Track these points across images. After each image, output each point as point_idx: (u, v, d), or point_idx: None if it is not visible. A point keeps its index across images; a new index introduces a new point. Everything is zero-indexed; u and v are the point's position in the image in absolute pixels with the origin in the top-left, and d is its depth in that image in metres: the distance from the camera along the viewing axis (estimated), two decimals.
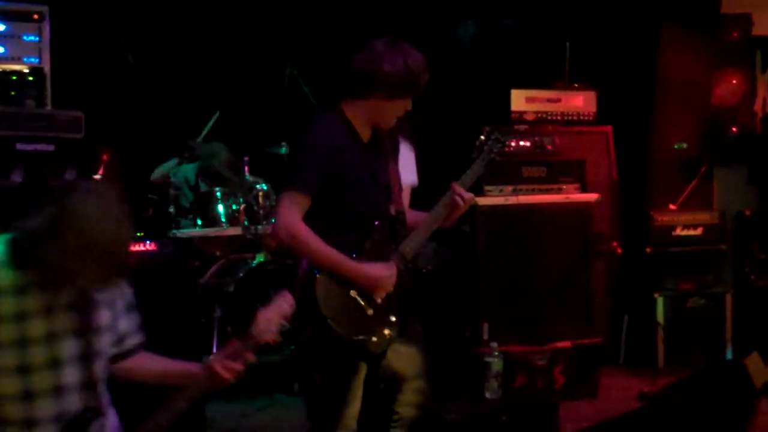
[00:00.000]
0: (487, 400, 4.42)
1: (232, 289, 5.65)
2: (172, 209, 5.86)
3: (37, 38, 4.95)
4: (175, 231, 5.78)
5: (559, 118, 6.07)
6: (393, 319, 3.48)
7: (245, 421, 5.21)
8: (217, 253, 6.26)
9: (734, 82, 6.75)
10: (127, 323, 2.82)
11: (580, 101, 6.17)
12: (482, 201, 5.50)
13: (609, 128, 6.19)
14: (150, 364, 2.91)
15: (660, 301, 6.18)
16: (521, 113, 5.98)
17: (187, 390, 2.78)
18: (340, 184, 3.42)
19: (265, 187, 6.06)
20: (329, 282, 3.38)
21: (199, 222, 6.06)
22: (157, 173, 6.16)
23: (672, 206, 6.60)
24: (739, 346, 6.19)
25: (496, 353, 4.49)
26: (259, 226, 5.92)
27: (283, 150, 6.19)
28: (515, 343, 5.40)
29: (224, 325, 5.63)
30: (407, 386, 3.62)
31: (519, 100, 6.00)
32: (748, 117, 6.75)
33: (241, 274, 5.70)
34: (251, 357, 2.74)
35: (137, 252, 4.35)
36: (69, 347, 2.59)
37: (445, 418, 4.15)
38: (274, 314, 2.74)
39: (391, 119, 3.55)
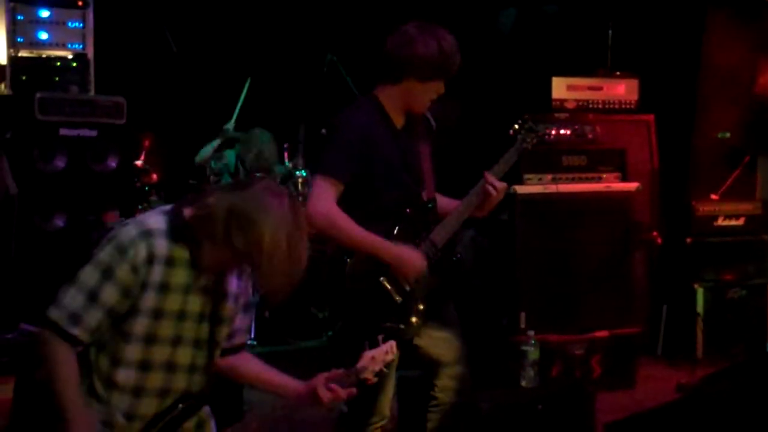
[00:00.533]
0: (523, 388, 4.41)
1: None
2: None
3: (81, 24, 5.02)
4: None
5: (600, 106, 6.03)
6: (421, 307, 3.50)
7: (283, 406, 5.24)
8: None
9: None
10: (242, 320, 2.86)
11: (622, 89, 6.13)
12: (521, 189, 5.48)
13: (651, 117, 6.14)
14: (251, 367, 2.93)
15: (700, 292, 6.13)
16: (562, 101, 5.95)
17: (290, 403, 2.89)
18: (372, 172, 3.44)
19: (304, 174, 6.08)
20: (358, 269, 3.40)
21: None
22: (201, 156, 6.21)
23: (714, 196, 6.52)
24: None
25: (533, 342, 4.48)
26: None
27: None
28: (552, 332, 5.38)
29: (262, 310, 5.67)
30: (444, 372, 3.63)
31: (560, 87, 5.97)
32: None
33: None
34: (349, 392, 2.78)
35: None
36: (192, 329, 2.66)
37: (479, 407, 4.15)
38: (378, 357, 2.81)
39: (423, 103, 3.55)
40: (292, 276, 2.55)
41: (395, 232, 3.48)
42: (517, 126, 3.80)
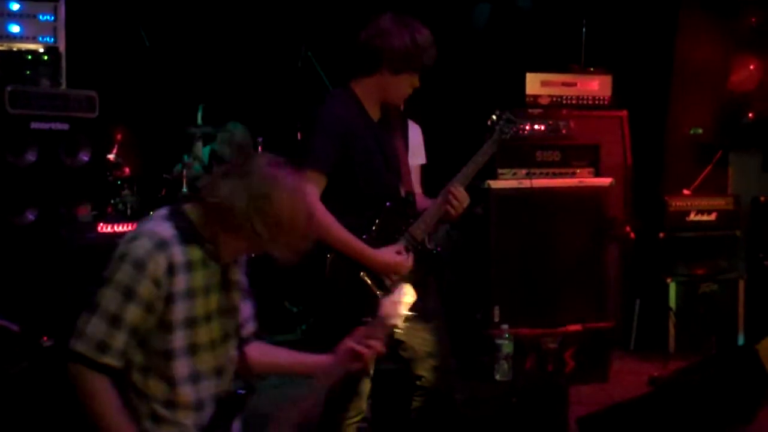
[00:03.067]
0: (497, 382, 4.42)
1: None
2: (185, 189, 5.88)
3: (53, 18, 4.97)
4: None
5: (574, 102, 6.06)
6: None
7: (256, 399, 5.23)
8: None
9: (751, 67, 6.71)
10: (247, 309, 2.78)
11: (595, 85, 6.15)
12: (495, 184, 5.50)
13: (624, 113, 6.17)
14: (268, 353, 2.87)
15: (672, 286, 6.17)
16: (536, 97, 5.97)
17: (318, 380, 2.75)
18: (351, 163, 3.43)
19: None
20: (339, 263, 3.39)
21: None
22: (176, 172, 6.18)
23: (686, 191, 6.57)
24: (751, 332, 6.17)
25: (507, 336, 4.49)
26: None
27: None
28: (526, 326, 5.39)
29: None
30: (425, 364, 3.63)
31: (534, 83, 5.99)
32: (765, 103, 6.70)
33: (253, 255, 5.70)
34: (379, 345, 2.71)
35: None
36: (218, 328, 2.60)
37: (455, 399, 4.15)
38: (398, 300, 2.72)
39: (398, 95, 3.55)
40: (305, 239, 2.53)
41: (376, 226, 3.48)
42: (494, 117, 3.81)
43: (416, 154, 4.88)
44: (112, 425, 2.45)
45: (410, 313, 2.74)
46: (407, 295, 2.74)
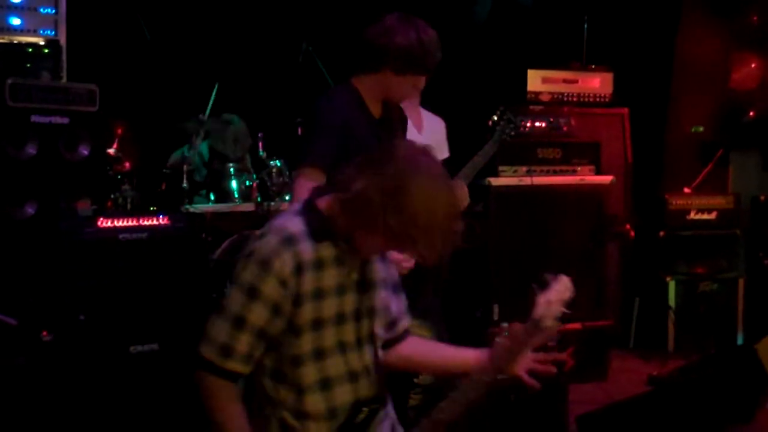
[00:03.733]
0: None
1: None
2: (185, 184, 5.86)
3: (54, 11, 4.96)
4: (188, 206, 5.78)
5: (575, 99, 6.05)
6: None
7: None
8: (230, 229, 6.27)
9: (753, 66, 6.70)
10: (397, 305, 2.61)
11: (596, 82, 6.15)
12: (496, 182, 5.49)
13: (625, 110, 6.17)
14: (424, 349, 2.69)
15: (672, 285, 6.17)
16: (537, 93, 5.97)
17: (475, 377, 2.54)
18: (351, 158, 3.40)
19: (278, 164, 6.05)
20: None
21: (213, 197, 6.06)
22: (172, 159, 6.17)
23: (687, 190, 6.57)
24: (750, 331, 6.17)
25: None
26: (272, 203, 5.92)
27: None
28: None
29: None
30: None
31: (535, 80, 5.99)
32: (766, 101, 6.70)
33: None
34: (536, 343, 2.55)
35: (150, 226, 4.36)
36: (352, 330, 2.44)
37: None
38: (555, 299, 2.51)
39: (400, 95, 3.53)
40: (450, 240, 2.31)
41: None
42: (495, 117, 3.80)
43: (440, 149, 4.88)
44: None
45: (566, 310, 2.52)
46: (562, 292, 2.53)
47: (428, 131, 4.81)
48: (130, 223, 4.33)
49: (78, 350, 4.09)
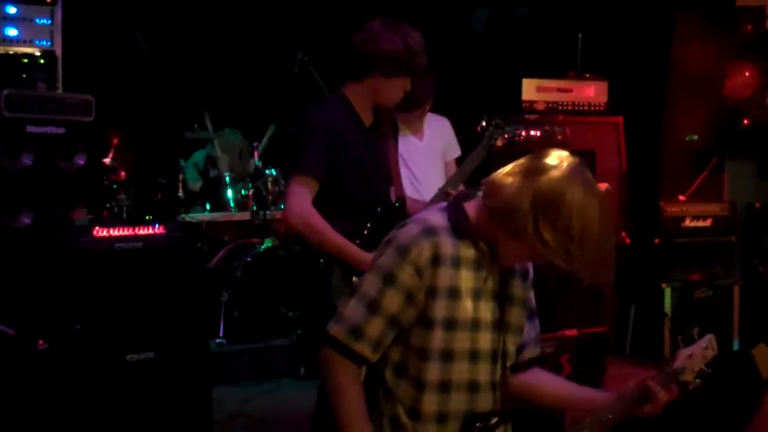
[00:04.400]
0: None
1: (239, 273, 5.67)
2: (181, 193, 5.88)
3: (50, 21, 4.97)
4: (184, 215, 5.80)
5: (570, 108, 6.07)
6: None
7: (251, 404, 5.23)
8: (226, 238, 6.29)
9: (747, 74, 6.72)
10: (529, 331, 2.51)
11: (591, 91, 6.17)
12: None
13: (620, 119, 6.19)
14: (548, 382, 2.58)
15: (668, 292, 6.18)
16: (532, 102, 5.99)
17: (601, 416, 2.46)
18: (342, 167, 3.42)
19: (274, 173, 6.07)
20: (334, 268, 3.39)
21: (208, 206, 6.08)
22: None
23: (682, 197, 6.58)
24: (746, 337, 6.18)
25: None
26: (268, 212, 5.93)
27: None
28: None
29: (231, 309, 5.65)
30: None
31: (530, 89, 6.01)
32: (760, 110, 6.72)
33: (248, 259, 5.72)
34: (668, 394, 2.40)
35: (146, 235, 4.37)
36: (487, 340, 2.35)
37: None
38: (697, 355, 2.41)
39: (390, 99, 3.54)
40: (608, 258, 2.23)
41: (366, 231, 3.47)
42: (484, 123, 3.81)
43: (450, 149, 4.89)
44: (349, 422, 2.31)
45: (707, 369, 2.43)
46: (709, 349, 2.43)
47: (431, 135, 4.83)
48: (126, 232, 4.33)
49: (74, 359, 4.08)
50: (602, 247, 2.20)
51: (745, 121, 6.73)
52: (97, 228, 4.29)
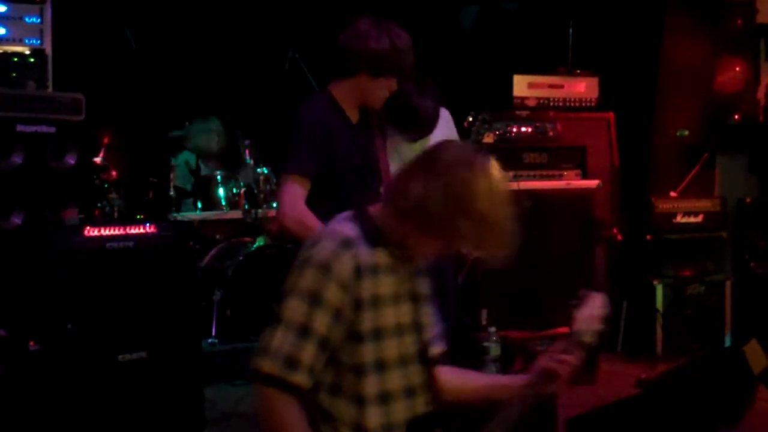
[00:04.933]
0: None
1: (231, 272, 5.66)
2: (172, 192, 5.87)
3: (39, 20, 4.95)
4: (175, 214, 5.79)
5: (561, 104, 6.07)
6: None
7: (243, 404, 5.22)
8: (217, 237, 6.28)
9: (737, 69, 6.73)
10: (437, 327, 2.52)
11: (582, 87, 6.17)
12: None
13: (611, 114, 6.18)
14: (457, 378, 2.55)
15: (659, 288, 6.18)
16: (523, 99, 5.98)
17: (510, 404, 2.45)
18: (332, 165, 3.43)
19: (266, 171, 6.06)
20: None
21: (200, 205, 6.07)
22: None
23: (673, 193, 6.59)
24: (738, 333, 6.20)
25: (495, 338, 4.50)
26: (259, 210, 5.92)
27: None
28: (514, 329, 5.40)
29: (224, 308, 5.64)
30: None
31: (521, 85, 6.00)
32: (751, 105, 6.73)
33: (240, 258, 5.71)
34: (575, 359, 2.43)
35: (137, 234, 4.36)
36: (411, 343, 2.35)
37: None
38: (593, 315, 2.46)
39: (376, 99, 3.56)
40: (515, 232, 2.30)
41: None
42: (471, 118, 3.83)
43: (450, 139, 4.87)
44: None
45: (603, 326, 2.48)
46: (599, 308, 2.49)
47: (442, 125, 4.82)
48: (117, 231, 4.32)
49: (66, 359, 4.07)
50: (511, 226, 2.29)
51: (736, 117, 6.74)
52: (88, 227, 4.28)
